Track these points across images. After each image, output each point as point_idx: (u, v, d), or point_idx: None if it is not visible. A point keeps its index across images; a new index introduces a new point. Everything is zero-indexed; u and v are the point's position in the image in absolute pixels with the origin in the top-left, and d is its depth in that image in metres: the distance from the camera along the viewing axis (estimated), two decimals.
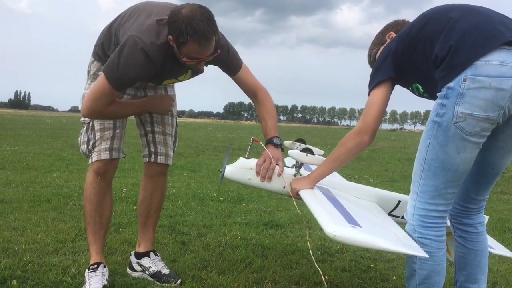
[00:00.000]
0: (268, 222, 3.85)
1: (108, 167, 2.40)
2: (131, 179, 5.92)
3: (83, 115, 2.25)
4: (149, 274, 2.48)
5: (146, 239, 2.59)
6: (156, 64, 2.09)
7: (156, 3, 2.25)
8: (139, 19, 2.13)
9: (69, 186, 5.10)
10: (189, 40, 1.97)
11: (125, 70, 2.03)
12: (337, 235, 1.50)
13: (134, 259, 2.56)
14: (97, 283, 2.25)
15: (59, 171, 6.35)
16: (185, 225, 3.61)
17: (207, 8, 2.02)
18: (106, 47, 2.29)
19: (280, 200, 4.95)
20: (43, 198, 4.31)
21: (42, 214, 3.69)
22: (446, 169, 1.72)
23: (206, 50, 2.04)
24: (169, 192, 5.00)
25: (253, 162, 2.20)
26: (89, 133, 2.38)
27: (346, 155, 2.03)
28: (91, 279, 2.28)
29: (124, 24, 2.18)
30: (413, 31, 1.83)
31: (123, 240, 3.08)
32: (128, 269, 2.57)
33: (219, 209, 4.30)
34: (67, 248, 2.86)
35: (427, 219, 1.78)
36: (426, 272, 1.79)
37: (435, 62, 1.72)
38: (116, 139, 2.42)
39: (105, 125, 2.36)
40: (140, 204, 2.61)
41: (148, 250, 2.57)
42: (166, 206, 4.31)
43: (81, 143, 2.41)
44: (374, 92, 1.93)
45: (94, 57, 2.38)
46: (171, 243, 3.11)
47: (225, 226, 3.66)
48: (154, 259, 2.54)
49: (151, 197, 2.58)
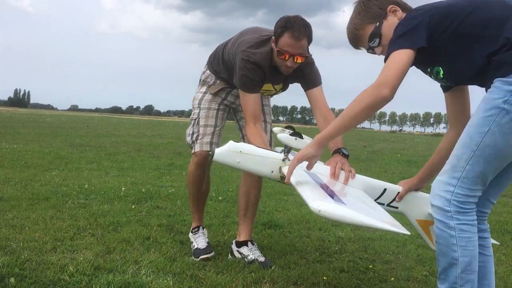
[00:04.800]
0: (267, 222, 3.85)
1: (206, 160, 2.85)
2: (130, 178, 5.92)
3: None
4: (247, 262, 2.77)
5: (246, 230, 2.93)
6: (264, 69, 2.60)
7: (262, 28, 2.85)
8: (247, 36, 2.71)
9: (67, 184, 5.10)
10: (285, 33, 2.43)
11: (243, 80, 2.61)
12: (321, 210, 1.49)
13: (234, 247, 2.89)
14: (202, 241, 2.89)
15: (58, 170, 6.35)
16: (183, 225, 3.60)
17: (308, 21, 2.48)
18: (215, 62, 2.93)
19: (279, 201, 4.96)
20: (41, 196, 4.30)
21: (41, 212, 3.69)
22: (499, 157, 1.68)
23: (298, 45, 2.46)
24: (168, 191, 5.00)
25: (243, 146, 2.22)
26: (194, 127, 2.93)
27: (361, 112, 1.83)
28: (197, 239, 2.92)
29: (232, 44, 2.73)
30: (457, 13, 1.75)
31: (121, 239, 3.07)
32: (230, 255, 2.90)
33: (218, 208, 4.30)
34: (65, 246, 2.86)
35: (465, 205, 1.73)
36: (468, 258, 1.74)
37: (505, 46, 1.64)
38: (216, 135, 2.92)
39: (207, 123, 2.91)
40: (240, 198, 2.97)
41: (247, 239, 2.89)
42: (165, 205, 4.31)
43: (187, 134, 2.97)
44: (398, 53, 1.78)
45: (208, 67, 3.00)
46: (169, 242, 3.11)
47: (224, 226, 3.66)
48: (251, 248, 2.84)
49: (249, 192, 2.92)
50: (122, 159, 8.34)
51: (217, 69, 2.94)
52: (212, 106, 2.96)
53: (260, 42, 2.64)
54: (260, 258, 2.78)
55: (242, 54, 2.61)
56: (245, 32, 2.81)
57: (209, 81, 2.98)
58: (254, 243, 2.91)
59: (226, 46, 2.85)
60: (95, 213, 3.78)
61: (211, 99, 2.97)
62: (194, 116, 2.96)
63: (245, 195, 2.94)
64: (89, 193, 4.65)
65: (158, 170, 7.04)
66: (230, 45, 2.79)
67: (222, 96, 2.98)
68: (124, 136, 15.43)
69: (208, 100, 2.97)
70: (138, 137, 15.46)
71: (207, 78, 3.00)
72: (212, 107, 2.96)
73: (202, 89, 3.01)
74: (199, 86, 3.05)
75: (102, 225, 3.43)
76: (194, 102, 3.01)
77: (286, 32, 2.44)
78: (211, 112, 2.95)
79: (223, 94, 2.98)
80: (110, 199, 4.42)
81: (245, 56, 2.59)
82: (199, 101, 2.98)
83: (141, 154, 9.46)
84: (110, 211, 3.89)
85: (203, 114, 2.94)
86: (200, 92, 3.01)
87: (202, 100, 2.97)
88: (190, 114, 3.05)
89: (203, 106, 2.96)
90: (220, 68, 2.91)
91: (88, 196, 4.52)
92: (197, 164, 2.92)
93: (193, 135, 2.93)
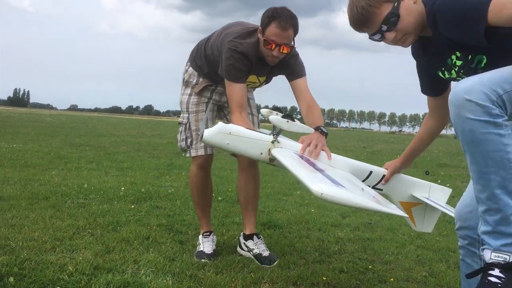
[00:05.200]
0: (266, 222, 3.85)
1: (208, 160, 2.96)
2: (129, 178, 5.92)
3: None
4: (252, 255, 2.85)
5: (249, 223, 3.00)
6: (251, 59, 2.61)
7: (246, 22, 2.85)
8: (232, 28, 2.71)
9: (67, 184, 5.09)
10: (272, 22, 2.48)
11: (230, 69, 2.60)
12: (324, 193, 1.45)
13: (242, 240, 2.97)
14: (209, 247, 2.88)
15: (57, 169, 6.35)
16: (183, 225, 3.60)
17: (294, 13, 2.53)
18: (198, 56, 2.91)
19: (278, 201, 4.96)
20: (41, 196, 4.30)
21: (40, 212, 3.69)
22: None
23: (284, 35, 2.50)
24: (167, 191, 5.00)
25: (233, 127, 2.23)
26: (186, 132, 2.93)
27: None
28: (205, 243, 2.91)
29: (217, 37, 2.74)
30: None
31: (121, 238, 3.07)
32: (238, 247, 2.99)
33: (217, 209, 4.30)
34: (65, 246, 2.86)
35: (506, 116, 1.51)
36: None
37: None
38: None
39: (199, 126, 2.87)
40: (240, 194, 3.06)
41: (252, 232, 2.96)
42: (164, 205, 4.31)
43: (180, 140, 2.96)
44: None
45: (191, 63, 2.97)
46: (169, 242, 3.11)
47: (223, 226, 3.66)
48: (257, 242, 2.90)
49: (247, 187, 2.99)
50: (122, 159, 8.34)
51: (200, 64, 2.92)
52: (200, 108, 2.95)
53: (247, 33, 2.65)
54: (264, 252, 2.83)
55: (229, 44, 2.60)
56: (230, 25, 2.81)
57: (191, 80, 2.97)
58: (260, 236, 2.97)
59: (209, 40, 2.85)
60: (95, 213, 3.78)
61: (198, 101, 2.96)
62: (184, 121, 2.96)
63: (243, 191, 3.01)
64: (88, 192, 4.65)
65: (157, 170, 7.04)
66: (214, 38, 2.79)
67: (207, 95, 2.97)
68: (124, 136, 15.43)
69: (195, 103, 2.95)
70: (137, 137, 15.46)
71: (190, 78, 2.98)
72: (200, 109, 2.95)
73: (187, 91, 2.99)
74: (182, 87, 3.03)
75: (101, 224, 3.42)
76: (182, 105, 2.99)
77: (273, 22, 2.48)
78: (199, 115, 2.94)
79: (208, 93, 2.97)
80: (110, 199, 4.42)
81: (232, 46, 2.59)
82: (187, 104, 2.96)
83: (140, 154, 9.46)
84: (110, 211, 3.89)
85: (193, 118, 2.94)
86: (185, 95, 2.99)
87: (189, 104, 2.96)
88: None
89: (191, 109, 2.95)
90: (202, 62, 2.90)
91: (88, 195, 4.51)
92: (199, 165, 2.95)
93: (187, 140, 2.93)
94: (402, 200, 2.37)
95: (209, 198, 3.13)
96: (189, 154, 2.94)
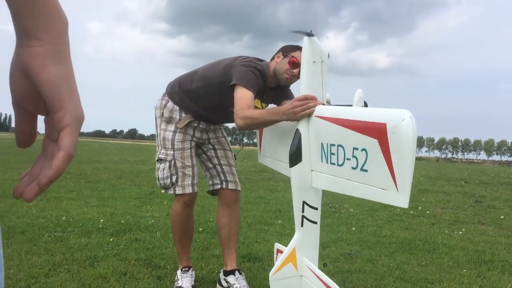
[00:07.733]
0: (246, 254, 3.83)
1: (193, 198, 2.96)
2: (109, 208, 5.85)
3: (241, 128, 2.43)
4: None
5: (231, 259, 2.99)
6: (265, 80, 2.69)
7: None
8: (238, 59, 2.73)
9: (45, 216, 5.01)
10: (298, 50, 2.61)
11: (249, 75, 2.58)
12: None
13: (222, 275, 2.99)
14: (187, 283, 2.91)
15: (36, 200, 6.24)
16: (162, 258, 3.57)
17: None
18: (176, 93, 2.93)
19: (259, 231, 4.94)
20: (17, 230, 4.22)
21: (16, 247, 3.62)
22: None
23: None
24: (147, 222, 4.95)
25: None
26: (171, 169, 2.87)
27: None
28: (183, 278, 2.93)
29: (213, 67, 2.80)
30: None
31: (98, 275, 3.03)
32: (218, 284, 3.00)
33: (198, 240, 4.27)
34: (40, 284, 2.81)
35: None
36: None
37: None
38: (195, 176, 2.93)
39: (185, 163, 2.88)
40: (221, 230, 3.02)
41: (233, 268, 2.96)
42: (144, 237, 4.27)
43: (163, 177, 2.89)
44: None
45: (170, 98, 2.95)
46: (146, 278, 3.07)
47: (203, 260, 3.63)
48: (238, 277, 2.91)
49: (230, 223, 2.99)
50: (103, 187, 8.25)
51: (182, 99, 2.90)
52: (185, 145, 2.91)
53: (258, 59, 2.75)
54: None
55: (245, 62, 2.63)
56: (229, 58, 2.83)
57: (175, 117, 2.91)
58: (241, 272, 2.97)
59: (196, 74, 2.88)
60: (72, 247, 3.72)
61: (182, 138, 2.90)
62: (168, 158, 2.86)
63: (226, 227, 2.99)
64: (66, 225, 4.58)
65: (138, 199, 6.98)
66: (207, 69, 2.83)
67: (190, 133, 2.94)
68: (106, 163, 15.28)
69: (181, 140, 2.90)
70: (120, 163, 15.33)
71: (172, 113, 2.91)
72: (186, 146, 2.91)
73: (170, 127, 2.90)
74: (164, 124, 2.92)
75: (78, 260, 3.37)
76: (166, 142, 2.88)
77: (299, 51, 2.58)
78: (185, 152, 2.90)
79: (191, 131, 2.94)
80: (88, 232, 4.36)
81: (251, 63, 2.63)
82: (172, 141, 2.88)
83: (122, 182, 9.37)
84: (87, 245, 3.84)
85: (179, 155, 2.87)
86: (169, 131, 2.89)
87: (174, 141, 2.88)
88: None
89: (177, 147, 2.88)
90: (184, 98, 2.89)
91: (66, 228, 4.45)
92: (185, 203, 2.91)
93: (171, 177, 2.86)
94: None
95: (191, 235, 3.10)
96: (173, 191, 2.88)
